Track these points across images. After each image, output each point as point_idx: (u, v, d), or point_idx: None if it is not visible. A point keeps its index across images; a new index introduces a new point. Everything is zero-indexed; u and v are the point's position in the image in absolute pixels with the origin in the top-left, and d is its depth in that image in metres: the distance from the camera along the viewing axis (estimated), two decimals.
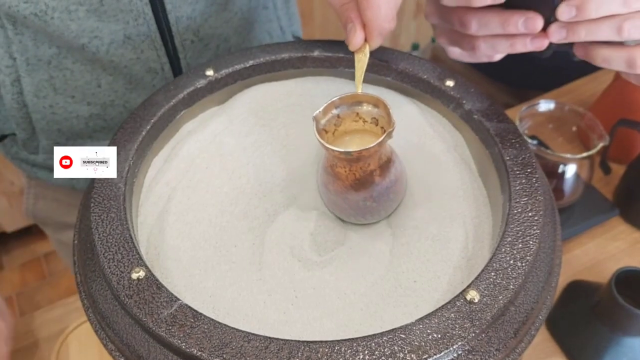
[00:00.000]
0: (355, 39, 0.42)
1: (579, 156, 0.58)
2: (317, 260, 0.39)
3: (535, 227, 0.34)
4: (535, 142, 0.66)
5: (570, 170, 0.61)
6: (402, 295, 0.36)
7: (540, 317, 0.34)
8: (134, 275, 0.32)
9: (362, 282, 0.37)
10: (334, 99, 0.39)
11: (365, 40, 0.42)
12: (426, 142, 0.44)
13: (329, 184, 0.40)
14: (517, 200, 0.36)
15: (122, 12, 0.53)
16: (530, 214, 0.35)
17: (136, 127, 0.41)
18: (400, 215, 0.41)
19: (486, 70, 0.89)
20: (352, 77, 0.48)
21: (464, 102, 0.43)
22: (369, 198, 0.39)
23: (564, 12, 0.41)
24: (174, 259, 0.37)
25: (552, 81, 0.83)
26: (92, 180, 0.38)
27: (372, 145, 0.35)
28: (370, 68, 0.47)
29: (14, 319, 0.54)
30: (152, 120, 0.42)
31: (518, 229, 0.34)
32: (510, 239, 0.34)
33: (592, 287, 0.57)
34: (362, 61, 0.42)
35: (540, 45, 0.44)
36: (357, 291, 0.37)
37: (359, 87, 0.41)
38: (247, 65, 0.46)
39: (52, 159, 0.62)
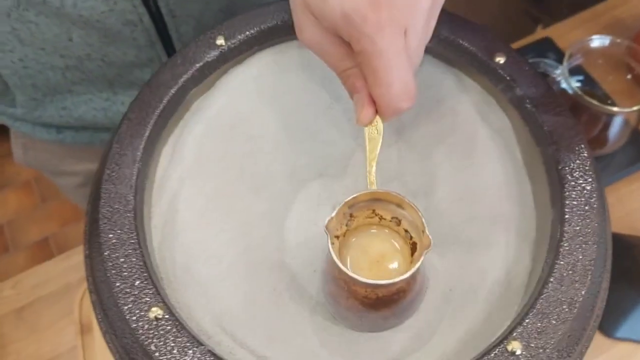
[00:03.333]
0: (364, 116, 0.32)
1: (627, 110, 0.52)
2: None
3: (588, 261, 0.31)
4: (581, 78, 0.60)
5: (617, 119, 0.55)
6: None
7: (584, 349, 0.32)
8: (152, 315, 0.30)
9: None
10: (347, 199, 0.31)
11: (377, 112, 0.32)
12: (467, 124, 0.39)
13: (340, 297, 0.32)
14: (569, 222, 0.32)
15: None
16: (583, 246, 0.32)
17: (142, 118, 0.36)
18: (432, 214, 0.37)
19: None
20: None
21: (515, 84, 0.37)
22: (391, 315, 0.32)
23: None
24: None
25: None
26: (98, 189, 0.34)
27: (405, 276, 0.28)
28: None
29: None
30: (160, 107, 0.37)
31: (568, 262, 0.31)
32: (557, 274, 0.31)
33: (627, 243, 0.55)
34: (374, 140, 0.33)
35: None
36: None
37: (372, 176, 0.32)
38: (264, 28, 0.40)
39: (31, 113, 0.56)
